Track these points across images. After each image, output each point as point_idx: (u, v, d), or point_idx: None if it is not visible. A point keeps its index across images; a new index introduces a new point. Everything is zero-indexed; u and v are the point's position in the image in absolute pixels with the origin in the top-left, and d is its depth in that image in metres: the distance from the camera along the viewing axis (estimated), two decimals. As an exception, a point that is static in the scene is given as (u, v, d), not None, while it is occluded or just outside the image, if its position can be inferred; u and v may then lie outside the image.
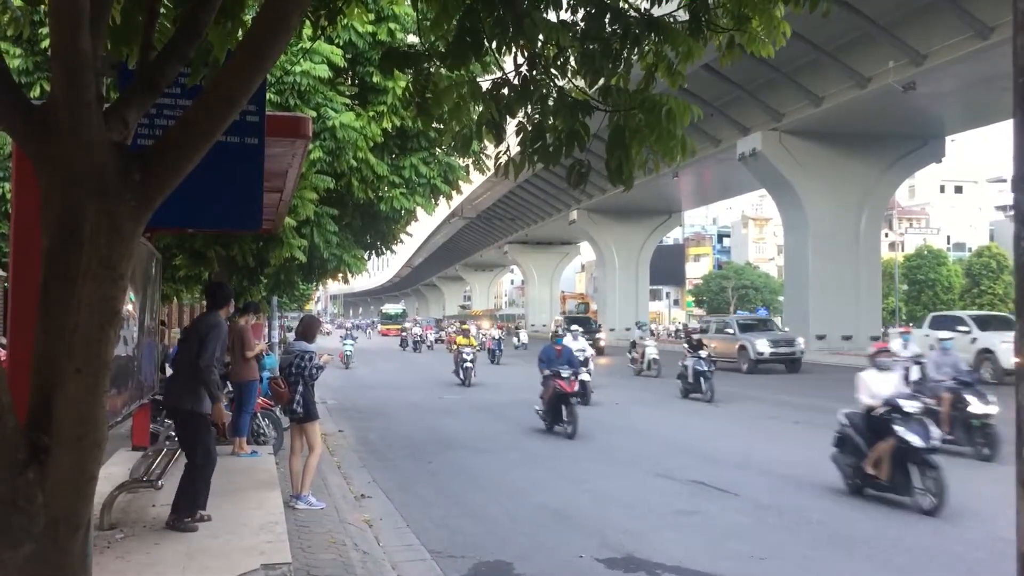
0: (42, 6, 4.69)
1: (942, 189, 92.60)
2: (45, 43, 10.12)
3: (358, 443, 13.38)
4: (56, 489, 2.62)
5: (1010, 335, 16.62)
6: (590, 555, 7.02)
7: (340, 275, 16.08)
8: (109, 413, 3.28)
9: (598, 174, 4.82)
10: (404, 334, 53.72)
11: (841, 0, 24.62)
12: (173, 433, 9.93)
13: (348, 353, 32.39)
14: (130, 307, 6.42)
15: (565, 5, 4.25)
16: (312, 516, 7.78)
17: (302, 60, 10.66)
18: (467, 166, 14.24)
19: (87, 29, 2.65)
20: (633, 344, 29.59)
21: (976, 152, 78.98)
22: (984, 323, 23.45)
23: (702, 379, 19.59)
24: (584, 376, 16.22)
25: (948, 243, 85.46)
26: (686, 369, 20.12)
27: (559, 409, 13.97)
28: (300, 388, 8.33)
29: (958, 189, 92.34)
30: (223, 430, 11.30)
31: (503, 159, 4.47)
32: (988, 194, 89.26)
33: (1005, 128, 41.13)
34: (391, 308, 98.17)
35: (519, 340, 50.27)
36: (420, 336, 51.26)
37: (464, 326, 31.18)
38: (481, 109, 4.39)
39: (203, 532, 6.84)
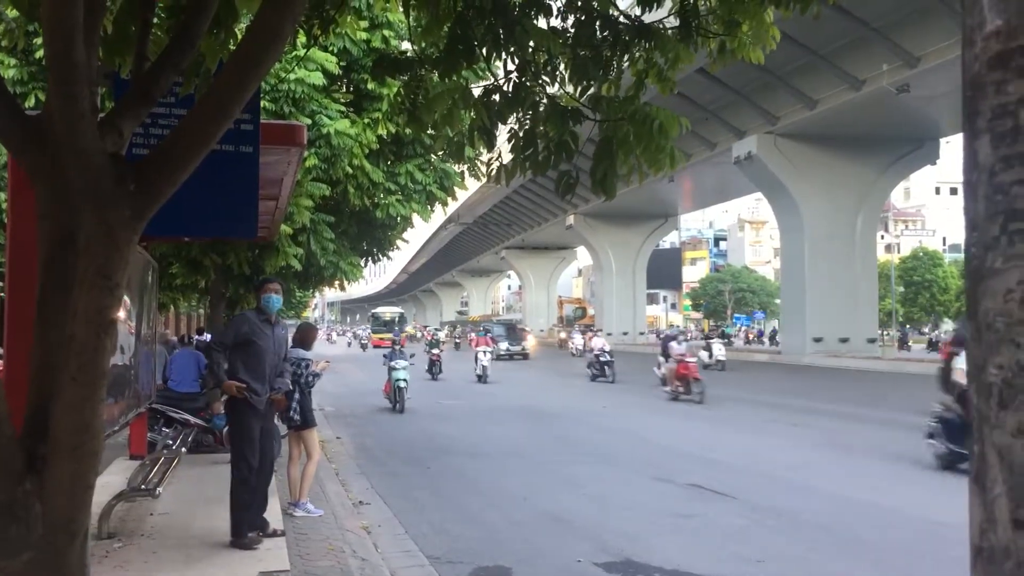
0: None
1: (937, 191, 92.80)
2: (40, 53, 10.15)
3: (356, 450, 13.37)
4: (53, 498, 2.64)
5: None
6: (588, 559, 7.02)
7: (337, 282, 16.09)
8: (106, 422, 3.30)
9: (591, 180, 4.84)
10: (436, 354, 30.49)
11: (834, 3, 24.70)
12: (171, 442, 9.94)
13: (401, 385, 19.22)
14: (122, 314, 6.42)
15: (555, 12, 4.28)
16: (310, 523, 7.77)
17: (296, 68, 10.69)
18: (462, 172, 14.27)
19: (81, 40, 2.67)
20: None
21: (971, 153, 78.91)
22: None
23: None
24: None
25: (944, 244, 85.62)
26: None
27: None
28: (297, 395, 8.33)
29: (953, 191, 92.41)
30: (219, 438, 11.36)
31: (495, 165, 4.49)
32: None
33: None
34: (386, 311, 72.55)
35: (710, 356, 32.20)
36: (607, 354, 28.21)
37: None
38: (472, 116, 4.41)
39: (201, 540, 6.85)
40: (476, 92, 4.42)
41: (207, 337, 21.15)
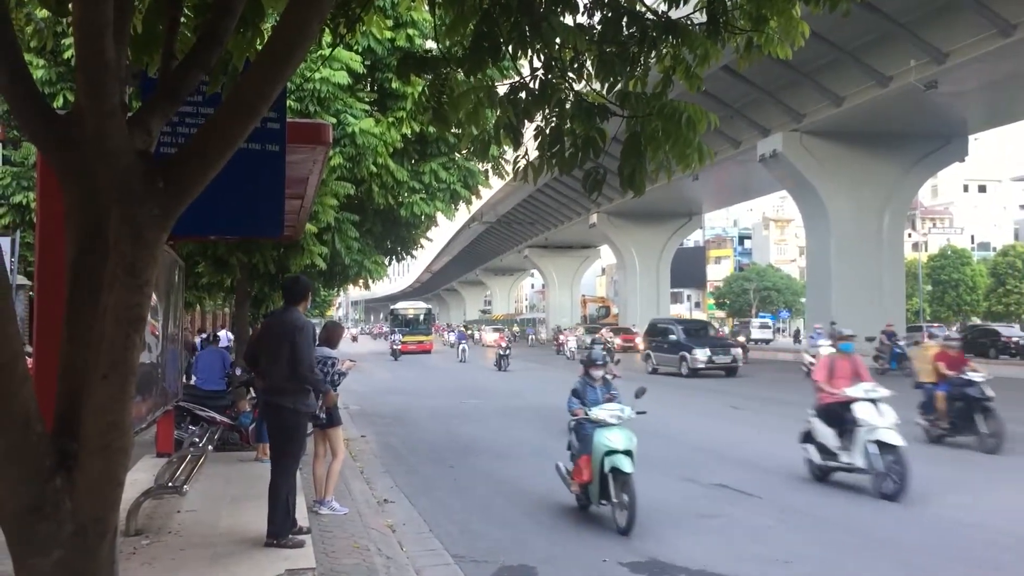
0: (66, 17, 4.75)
1: (965, 188, 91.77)
2: (68, 53, 10.25)
3: (380, 448, 13.40)
4: (83, 495, 2.65)
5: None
6: (614, 559, 6.99)
7: (361, 281, 16.12)
8: (134, 420, 3.31)
9: (617, 178, 4.81)
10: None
11: (863, 0, 24.46)
12: (197, 440, 10.01)
13: (625, 467, 7.78)
14: (149, 313, 6.46)
15: (582, 9, 4.25)
16: (335, 521, 7.80)
17: (322, 67, 10.73)
18: (486, 171, 14.26)
19: (111, 39, 2.68)
20: None
21: (999, 150, 78.27)
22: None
23: None
24: None
25: (972, 243, 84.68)
26: None
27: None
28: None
29: (981, 188, 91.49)
30: (246, 436, 11.42)
31: (521, 163, 4.47)
32: (1012, 193, 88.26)
33: (1029, 126, 40.76)
34: (409, 308, 58.26)
35: None
36: None
37: None
38: (498, 114, 4.40)
39: (228, 537, 6.88)
40: (502, 90, 4.40)
41: (224, 335, 21.30)
